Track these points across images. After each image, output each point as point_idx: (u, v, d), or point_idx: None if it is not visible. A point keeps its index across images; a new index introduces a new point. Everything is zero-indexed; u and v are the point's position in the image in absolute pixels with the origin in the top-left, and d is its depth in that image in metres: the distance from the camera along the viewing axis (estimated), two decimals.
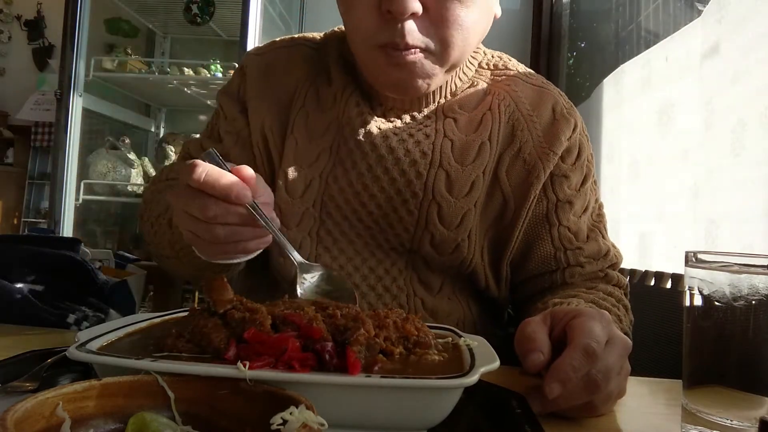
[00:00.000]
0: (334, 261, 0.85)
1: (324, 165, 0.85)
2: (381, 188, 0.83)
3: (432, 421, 0.45)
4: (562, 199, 0.86)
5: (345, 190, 0.84)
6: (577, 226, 0.87)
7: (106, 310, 0.99)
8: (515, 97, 0.87)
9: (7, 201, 3.73)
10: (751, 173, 1.15)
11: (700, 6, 1.52)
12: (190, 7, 2.76)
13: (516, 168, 0.85)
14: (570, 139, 0.86)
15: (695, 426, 0.50)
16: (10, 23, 4.02)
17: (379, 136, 0.83)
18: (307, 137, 0.86)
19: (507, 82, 0.89)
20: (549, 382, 0.51)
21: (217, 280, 0.53)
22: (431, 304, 0.85)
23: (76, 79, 2.62)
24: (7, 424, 0.31)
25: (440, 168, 0.82)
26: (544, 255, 0.87)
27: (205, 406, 0.40)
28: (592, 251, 0.87)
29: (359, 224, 0.85)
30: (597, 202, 0.92)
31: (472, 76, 0.89)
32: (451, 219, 0.83)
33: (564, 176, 0.86)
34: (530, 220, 0.86)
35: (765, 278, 0.47)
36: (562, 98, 0.89)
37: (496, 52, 0.94)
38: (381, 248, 0.86)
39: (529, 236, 0.87)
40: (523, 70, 0.91)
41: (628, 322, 0.82)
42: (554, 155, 0.84)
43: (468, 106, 0.86)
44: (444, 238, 0.83)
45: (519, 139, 0.85)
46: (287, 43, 0.94)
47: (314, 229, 0.85)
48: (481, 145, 0.84)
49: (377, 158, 0.83)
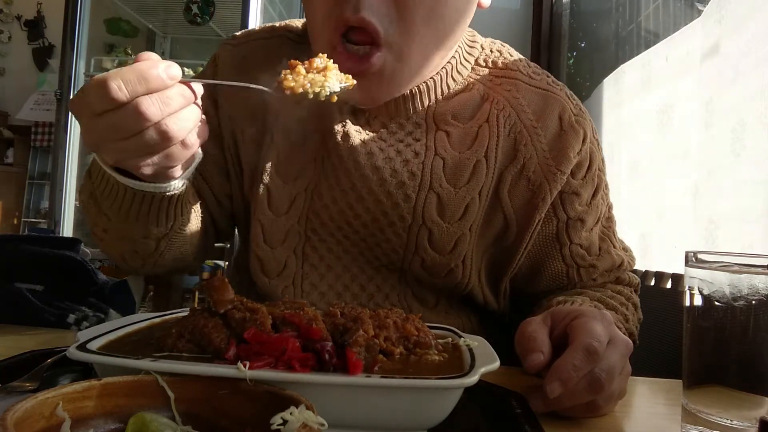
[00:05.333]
0: (322, 279, 0.80)
1: (309, 178, 0.79)
2: (366, 209, 0.76)
3: (432, 421, 0.45)
4: (573, 218, 0.79)
5: (329, 207, 0.78)
6: (588, 240, 0.81)
7: (106, 310, 0.99)
8: (516, 106, 0.78)
9: (7, 201, 3.72)
10: (751, 173, 1.15)
11: (700, 6, 1.52)
12: (190, 7, 2.77)
13: (519, 188, 0.77)
14: (580, 152, 0.78)
15: (695, 426, 0.50)
16: (10, 23, 4.02)
17: (363, 152, 0.76)
18: (289, 147, 0.79)
19: (507, 86, 0.79)
20: (550, 381, 0.51)
21: (217, 280, 0.53)
22: (428, 318, 0.82)
23: (76, 79, 2.62)
24: (7, 424, 0.31)
25: (431, 190, 0.75)
26: (555, 273, 0.82)
27: (205, 406, 0.40)
28: (605, 267, 0.82)
29: (346, 241, 0.80)
30: (607, 206, 0.86)
31: (468, 77, 0.81)
32: (443, 244, 0.76)
33: (575, 193, 0.78)
34: (537, 240, 0.80)
35: (765, 278, 0.47)
36: (570, 103, 0.80)
37: (495, 44, 0.85)
38: (371, 264, 0.81)
39: (536, 256, 0.81)
40: (526, 70, 0.82)
41: (636, 320, 0.80)
42: (562, 174, 0.77)
43: (462, 116, 0.78)
44: (436, 263, 0.77)
45: (522, 154, 0.77)
46: (266, 34, 0.86)
47: (299, 246, 0.80)
48: (477, 163, 0.76)
49: (361, 177, 0.76)
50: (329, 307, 0.54)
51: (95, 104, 0.53)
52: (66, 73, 2.59)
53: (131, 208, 0.68)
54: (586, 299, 0.75)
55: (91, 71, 2.65)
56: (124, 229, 0.72)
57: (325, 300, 0.79)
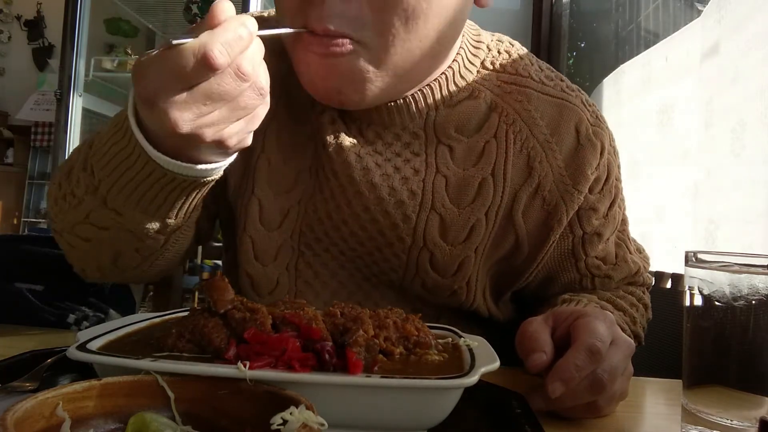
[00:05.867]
0: (317, 298, 0.75)
1: (303, 191, 0.74)
2: (362, 227, 0.72)
3: (432, 421, 0.45)
4: (590, 232, 0.75)
5: (324, 221, 0.73)
6: (605, 251, 0.78)
7: (106, 310, 0.99)
8: (528, 120, 0.72)
9: (7, 201, 3.73)
10: (751, 173, 1.15)
11: (700, 6, 1.52)
12: (190, 7, 2.77)
13: (534, 208, 0.72)
14: (598, 167, 0.73)
15: (695, 426, 0.50)
16: (10, 23, 4.02)
17: (358, 167, 0.70)
18: (281, 157, 0.74)
19: (518, 95, 0.72)
20: (551, 381, 0.51)
21: (217, 281, 0.53)
22: None
23: (76, 79, 2.63)
24: (7, 424, 0.31)
25: (432, 210, 0.71)
26: (568, 281, 0.79)
27: (206, 406, 0.40)
28: (621, 276, 0.80)
29: (342, 256, 0.75)
30: (622, 212, 0.81)
31: (473, 82, 0.73)
32: (446, 267, 0.72)
33: (592, 209, 0.74)
34: (551, 257, 0.76)
35: (765, 278, 0.47)
36: (587, 112, 0.74)
37: (503, 44, 0.77)
38: (368, 281, 0.76)
39: (549, 270, 0.78)
40: (538, 75, 0.75)
41: (644, 321, 0.79)
42: (579, 194, 0.72)
43: (467, 129, 0.72)
44: (438, 284, 0.73)
45: (537, 173, 0.71)
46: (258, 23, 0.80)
47: (292, 262, 0.75)
48: (482, 182, 0.71)
49: (356, 194, 0.70)
50: (329, 307, 0.54)
51: (192, 76, 0.47)
52: (66, 73, 2.59)
53: (167, 197, 0.60)
54: (594, 298, 0.74)
55: (91, 71, 2.65)
56: (136, 223, 0.63)
57: None
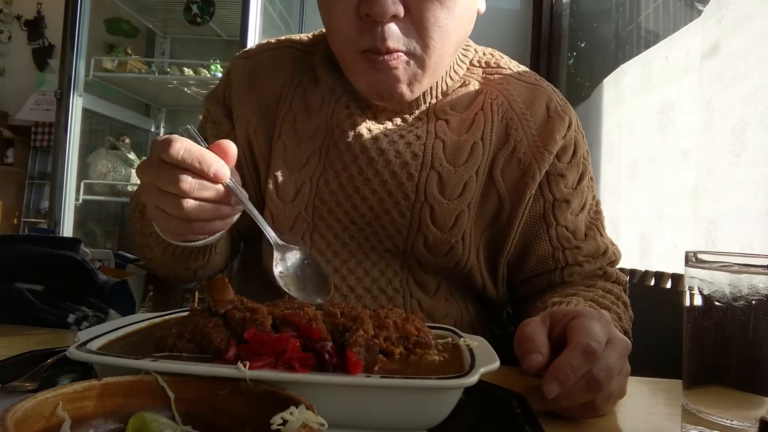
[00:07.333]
0: (329, 264, 0.85)
1: (314, 168, 0.84)
2: (372, 191, 0.82)
3: (432, 421, 0.45)
4: (559, 198, 0.85)
5: (336, 193, 0.83)
6: (574, 224, 0.86)
7: (106, 310, 0.99)
8: (508, 96, 0.86)
9: (7, 201, 3.73)
10: (751, 173, 1.15)
11: (700, 6, 1.52)
12: (190, 7, 2.77)
13: (511, 168, 0.84)
14: (565, 137, 0.85)
15: (695, 426, 0.50)
16: (10, 23, 4.02)
17: (369, 138, 0.82)
18: (296, 140, 0.86)
19: (499, 80, 0.88)
20: (548, 381, 0.51)
21: (217, 280, 0.53)
22: (428, 305, 0.85)
23: (76, 79, 2.62)
24: (7, 424, 0.31)
25: (432, 169, 0.82)
26: (542, 254, 0.86)
27: (206, 406, 0.40)
28: (590, 250, 0.87)
29: (352, 226, 0.85)
30: (594, 200, 0.91)
31: (464, 75, 0.88)
32: (445, 221, 0.82)
33: (560, 175, 0.85)
34: (527, 220, 0.86)
35: (765, 278, 0.47)
36: (555, 95, 0.88)
37: (487, 49, 0.93)
38: (375, 250, 0.85)
39: (526, 236, 0.86)
40: (516, 68, 0.90)
41: (628, 318, 0.82)
42: (549, 154, 0.84)
43: (460, 107, 0.86)
44: (437, 240, 0.82)
45: (513, 138, 0.84)
46: (273, 46, 0.93)
47: (307, 233, 0.85)
48: (474, 145, 0.83)
49: (368, 160, 0.82)
50: (329, 307, 0.54)
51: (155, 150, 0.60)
52: (66, 73, 2.58)
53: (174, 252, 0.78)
54: (581, 299, 0.76)
55: (91, 71, 2.64)
56: (165, 263, 0.83)
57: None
